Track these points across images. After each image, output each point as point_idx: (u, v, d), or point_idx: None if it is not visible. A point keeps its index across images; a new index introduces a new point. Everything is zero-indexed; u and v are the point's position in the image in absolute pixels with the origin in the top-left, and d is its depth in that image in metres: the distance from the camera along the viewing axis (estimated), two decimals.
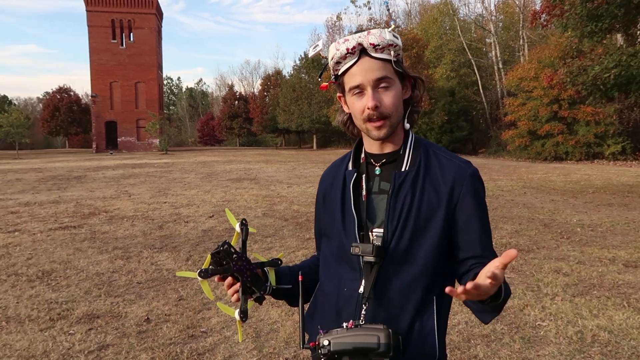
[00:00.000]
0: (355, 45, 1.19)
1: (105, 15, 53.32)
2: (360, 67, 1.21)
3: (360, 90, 1.22)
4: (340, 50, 1.21)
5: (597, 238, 7.00)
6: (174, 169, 22.06)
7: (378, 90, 1.21)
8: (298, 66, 55.41)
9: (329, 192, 1.38)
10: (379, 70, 1.20)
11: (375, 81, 1.20)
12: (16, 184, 16.11)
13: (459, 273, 1.26)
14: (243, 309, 1.21)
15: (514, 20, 38.20)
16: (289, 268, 1.42)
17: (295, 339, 3.70)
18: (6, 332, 3.87)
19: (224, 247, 1.21)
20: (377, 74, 1.20)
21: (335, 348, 1.09)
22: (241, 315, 1.20)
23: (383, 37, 1.18)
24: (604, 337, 3.64)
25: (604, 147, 24.79)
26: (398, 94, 1.23)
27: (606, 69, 11.30)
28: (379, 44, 1.18)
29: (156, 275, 5.43)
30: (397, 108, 1.23)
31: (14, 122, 42.53)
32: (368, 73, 1.20)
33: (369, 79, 1.20)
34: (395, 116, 1.24)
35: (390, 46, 1.19)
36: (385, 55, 1.19)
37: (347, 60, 1.22)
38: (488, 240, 1.25)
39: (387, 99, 1.21)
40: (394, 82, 1.22)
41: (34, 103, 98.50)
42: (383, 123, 1.22)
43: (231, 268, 1.21)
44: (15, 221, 8.88)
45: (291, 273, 1.39)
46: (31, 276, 5.41)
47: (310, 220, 8.60)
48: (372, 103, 1.19)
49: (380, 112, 1.20)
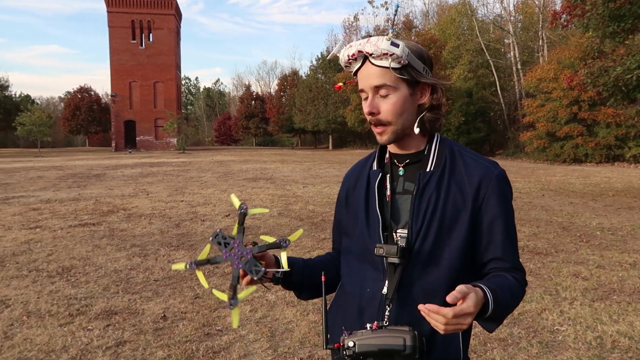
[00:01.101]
0: (355, 53, 1.21)
1: (125, 16, 54.12)
2: (363, 72, 1.23)
3: (366, 95, 1.24)
4: (342, 56, 1.24)
5: (617, 242, 6.87)
6: (191, 168, 22.27)
7: (378, 96, 1.21)
8: (315, 66, 55.54)
9: (352, 191, 1.38)
10: (377, 77, 1.20)
11: (374, 88, 1.21)
12: (38, 181, 16.42)
13: (480, 276, 1.25)
14: (230, 295, 1.16)
15: (533, 21, 37.69)
16: (303, 261, 1.41)
17: (310, 339, 3.70)
18: (27, 326, 3.95)
19: (216, 236, 1.19)
20: (374, 82, 1.20)
21: (360, 350, 1.08)
22: (230, 302, 1.16)
23: (378, 45, 1.16)
24: (625, 343, 3.57)
25: (625, 150, 24.31)
26: (400, 101, 1.21)
27: (628, 70, 11.09)
28: (372, 53, 1.18)
29: (173, 273, 5.48)
30: (399, 115, 1.21)
31: (37, 120, 43.38)
32: (368, 79, 1.21)
33: (368, 85, 1.22)
34: (399, 123, 1.22)
35: (385, 55, 1.17)
36: (383, 62, 1.18)
37: (352, 65, 1.25)
38: (511, 244, 1.22)
39: (385, 106, 1.21)
40: (394, 90, 1.20)
41: (55, 102, 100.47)
42: (384, 129, 1.23)
43: (221, 257, 1.19)
44: (36, 218, 9.05)
45: (305, 266, 1.38)
46: (51, 272, 5.51)
47: (326, 220, 8.61)
48: (367, 109, 1.22)
49: (377, 118, 1.21)
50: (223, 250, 1.19)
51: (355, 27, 56.07)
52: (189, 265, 1.21)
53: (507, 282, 1.17)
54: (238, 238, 1.21)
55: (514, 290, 1.17)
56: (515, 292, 1.17)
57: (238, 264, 1.19)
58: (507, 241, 1.21)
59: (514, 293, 1.17)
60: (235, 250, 1.19)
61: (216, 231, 1.22)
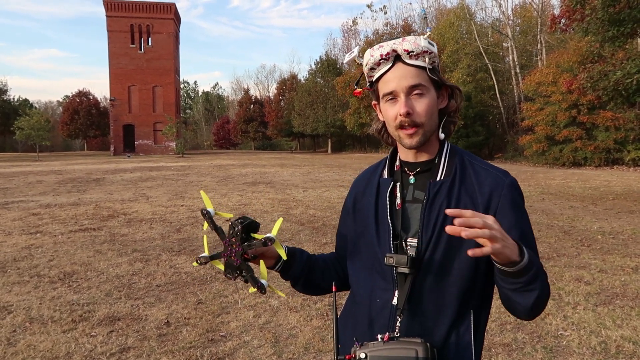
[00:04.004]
0: (389, 52, 1.18)
1: (124, 21, 54.23)
2: (394, 73, 1.19)
3: (394, 97, 1.20)
4: (374, 56, 1.20)
5: (619, 246, 6.88)
6: (190, 172, 22.25)
7: (411, 97, 1.19)
8: (313, 70, 55.66)
9: (361, 198, 1.36)
10: (412, 77, 1.18)
11: (409, 88, 1.18)
12: (37, 186, 16.40)
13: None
14: (255, 285, 1.24)
15: (532, 25, 37.77)
16: (307, 256, 1.41)
17: (314, 344, 3.69)
18: (30, 332, 3.93)
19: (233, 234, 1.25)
20: (410, 81, 1.18)
21: None
22: (260, 289, 1.24)
23: (418, 43, 1.17)
24: (629, 348, 3.57)
25: (624, 153, 24.32)
26: (432, 102, 1.20)
27: (628, 75, 11.13)
28: (413, 51, 1.17)
29: (175, 278, 5.47)
30: (430, 116, 1.21)
31: (35, 124, 43.40)
32: (402, 80, 1.18)
33: (402, 85, 1.18)
34: (429, 124, 1.21)
35: (425, 53, 1.17)
36: (419, 62, 1.18)
37: (381, 66, 1.21)
38: (531, 251, 1.18)
39: (420, 107, 1.19)
40: (428, 90, 1.20)
41: (54, 106, 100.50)
42: (415, 131, 1.20)
43: (220, 255, 1.28)
44: (36, 223, 9.03)
45: (306, 262, 1.39)
46: (53, 277, 5.50)
47: (327, 225, 8.60)
48: (404, 109, 1.17)
49: (412, 119, 1.18)
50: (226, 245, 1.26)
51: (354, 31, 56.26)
52: (198, 260, 1.32)
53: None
54: (223, 239, 1.27)
55: (543, 274, 1.12)
56: (546, 282, 1.12)
57: (237, 260, 1.24)
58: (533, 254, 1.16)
59: (544, 276, 1.12)
60: (228, 249, 1.25)
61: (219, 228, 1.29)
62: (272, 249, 1.28)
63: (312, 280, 1.41)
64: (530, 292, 1.07)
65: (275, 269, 1.34)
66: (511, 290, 1.08)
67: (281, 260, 1.32)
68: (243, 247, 1.23)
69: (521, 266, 1.02)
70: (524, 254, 1.02)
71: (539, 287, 1.07)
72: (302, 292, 1.46)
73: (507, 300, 1.14)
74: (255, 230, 1.26)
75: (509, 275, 1.04)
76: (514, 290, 1.08)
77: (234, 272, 1.24)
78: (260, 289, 1.23)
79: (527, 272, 1.03)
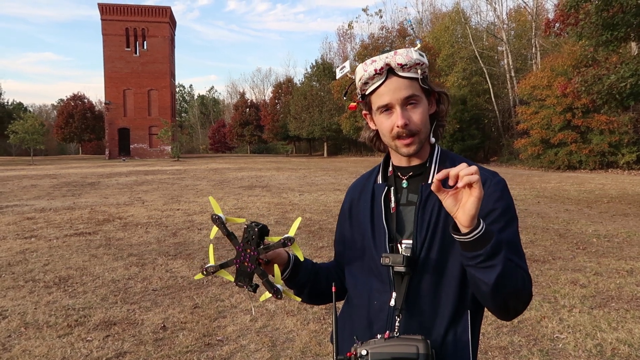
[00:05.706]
0: (383, 66, 1.22)
1: (119, 24, 54.17)
2: (389, 86, 1.23)
3: (389, 109, 1.24)
4: (368, 71, 1.24)
5: (614, 249, 6.91)
6: (186, 176, 22.21)
7: (406, 108, 1.23)
8: (309, 74, 55.76)
9: (357, 204, 1.40)
10: (406, 89, 1.22)
11: (404, 99, 1.22)
12: (31, 190, 16.32)
13: None
14: (271, 290, 1.23)
15: (526, 29, 38.01)
16: (312, 264, 1.44)
17: (311, 348, 3.69)
18: (25, 337, 3.91)
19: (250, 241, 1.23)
20: (405, 93, 1.22)
21: (374, 358, 1.09)
22: (276, 294, 1.22)
23: (410, 56, 1.21)
24: (624, 351, 3.59)
25: (619, 156, 24.49)
26: (425, 110, 1.26)
27: (622, 78, 11.19)
28: (406, 64, 1.21)
29: (171, 282, 5.46)
30: (425, 124, 1.26)
31: (29, 128, 43.17)
32: (396, 92, 1.22)
33: (397, 97, 1.22)
34: (424, 132, 1.26)
35: (417, 65, 1.22)
36: (412, 73, 1.22)
37: (374, 80, 1.25)
38: (518, 255, 1.19)
39: (415, 116, 1.23)
40: (421, 99, 1.25)
41: (48, 110, 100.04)
42: (412, 140, 1.24)
43: (232, 262, 1.26)
44: (31, 227, 8.99)
45: (312, 270, 1.42)
46: (48, 282, 5.47)
47: (323, 228, 8.60)
48: (402, 121, 1.21)
49: (409, 129, 1.23)
50: (239, 251, 1.24)
51: (350, 34, 56.39)
52: (205, 271, 1.27)
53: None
54: (236, 244, 1.25)
55: (515, 264, 1.12)
56: (515, 268, 1.12)
57: (252, 265, 1.23)
58: (511, 252, 1.15)
59: (515, 266, 1.11)
60: (240, 256, 1.24)
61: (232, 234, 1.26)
62: (281, 256, 1.31)
63: (318, 287, 1.43)
64: (492, 269, 1.06)
65: (282, 277, 1.34)
66: (474, 267, 1.08)
67: (289, 268, 1.34)
68: (259, 250, 1.22)
69: (478, 233, 1.04)
70: (480, 223, 1.05)
71: (500, 263, 1.06)
72: (308, 302, 1.47)
73: (475, 284, 1.13)
74: (267, 234, 1.26)
75: (469, 247, 1.06)
76: (475, 267, 1.08)
77: (246, 279, 1.23)
78: (276, 293, 1.22)
79: (485, 242, 1.04)
